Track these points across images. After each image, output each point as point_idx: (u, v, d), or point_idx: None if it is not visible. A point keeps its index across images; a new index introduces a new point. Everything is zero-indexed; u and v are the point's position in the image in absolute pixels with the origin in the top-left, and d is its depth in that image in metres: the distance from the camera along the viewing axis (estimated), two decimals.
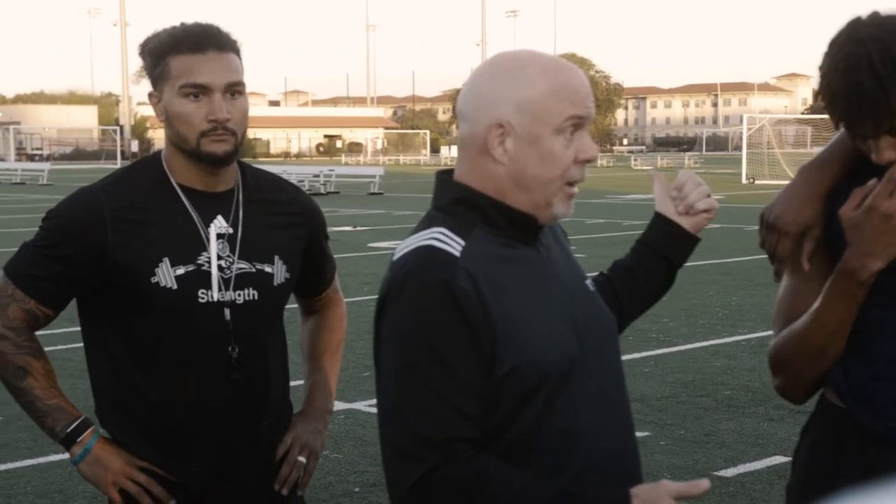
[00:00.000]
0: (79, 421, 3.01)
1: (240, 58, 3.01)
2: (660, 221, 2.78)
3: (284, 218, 3.12)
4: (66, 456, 3.06)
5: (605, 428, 2.39)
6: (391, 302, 2.28)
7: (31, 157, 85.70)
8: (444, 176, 2.43)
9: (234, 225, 3.04)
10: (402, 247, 2.35)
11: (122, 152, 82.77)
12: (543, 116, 2.31)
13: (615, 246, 18.81)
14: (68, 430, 3.00)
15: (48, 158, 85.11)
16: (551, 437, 2.31)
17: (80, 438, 3.00)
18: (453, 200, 2.38)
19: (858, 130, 2.52)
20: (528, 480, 2.22)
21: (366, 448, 7.59)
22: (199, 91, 2.93)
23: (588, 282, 2.54)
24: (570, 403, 2.32)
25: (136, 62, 3.07)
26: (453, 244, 2.30)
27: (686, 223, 2.77)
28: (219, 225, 3.02)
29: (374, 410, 8.34)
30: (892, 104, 2.45)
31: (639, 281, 2.79)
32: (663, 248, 2.78)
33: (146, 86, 3.03)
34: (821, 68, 2.56)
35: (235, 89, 2.97)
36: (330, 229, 3.39)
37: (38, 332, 3.06)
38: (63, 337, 8.84)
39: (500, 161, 2.34)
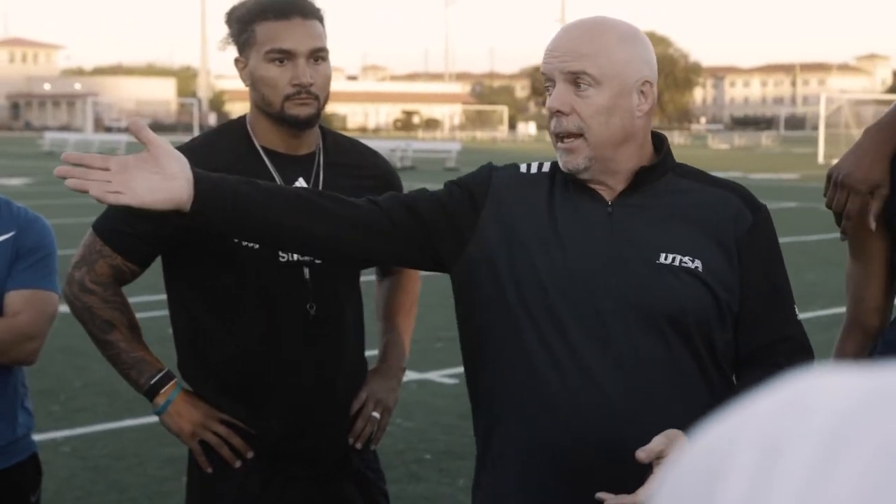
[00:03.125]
0: (162, 373, 3.12)
1: (323, 25, 3.10)
2: None
3: (363, 181, 3.20)
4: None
5: (562, 384, 2.48)
6: None
7: (109, 129, 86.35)
8: None
9: (316, 187, 3.12)
10: None
11: (200, 125, 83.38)
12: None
13: None
14: (152, 382, 3.10)
15: (126, 131, 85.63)
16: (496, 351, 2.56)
17: (164, 390, 3.11)
18: None
19: None
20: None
21: (437, 417, 7.67)
22: (284, 56, 3.03)
23: (670, 256, 2.52)
24: (529, 332, 2.49)
25: (222, 30, 3.16)
26: (532, 167, 2.64)
27: None
28: (300, 186, 3.11)
29: (446, 381, 8.46)
30: None
31: None
32: None
33: (225, 58, 3.14)
34: None
35: (319, 55, 3.06)
36: None
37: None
38: (144, 305, 9.01)
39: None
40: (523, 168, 2.62)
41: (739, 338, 2.58)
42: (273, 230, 2.54)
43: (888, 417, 0.56)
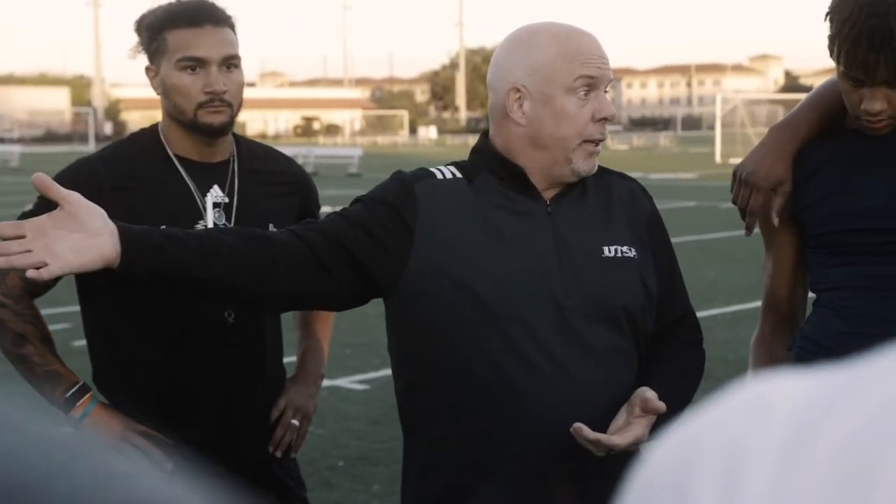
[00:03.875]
0: (77, 386, 3.08)
1: (234, 32, 3.10)
2: None
3: (278, 187, 3.21)
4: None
5: (520, 381, 2.51)
6: None
7: (1, 140, 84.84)
8: (483, 134, 2.68)
9: (230, 194, 3.13)
10: None
11: (96, 135, 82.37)
12: (554, 77, 2.51)
13: None
14: (67, 395, 3.06)
15: (19, 141, 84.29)
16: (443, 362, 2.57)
17: (79, 403, 3.07)
18: (472, 149, 2.66)
19: (872, 74, 2.61)
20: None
21: (349, 423, 7.67)
22: (196, 64, 3.03)
23: (611, 248, 2.61)
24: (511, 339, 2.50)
25: (123, 38, 3.15)
26: (445, 172, 2.61)
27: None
28: (215, 194, 3.11)
29: (356, 387, 8.45)
30: None
31: None
32: None
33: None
34: (836, 12, 2.63)
35: (231, 62, 3.06)
36: None
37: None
38: (56, 317, 8.89)
39: (519, 122, 2.55)
40: (438, 175, 2.62)
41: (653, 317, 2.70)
42: (203, 284, 2.46)
43: (847, 414, 0.57)
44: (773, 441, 0.58)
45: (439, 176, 2.61)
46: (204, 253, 2.42)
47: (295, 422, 3.27)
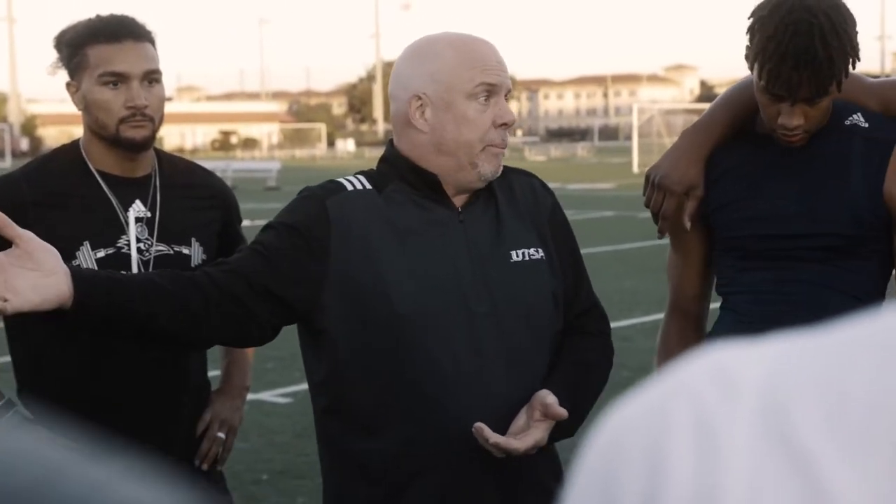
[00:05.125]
0: (2, 402, 3.06)
1: (155, 47, 3.11)
2: None
3: (200, 201, 3.23)
4: None
5: (458, 391, 2.55)
6: None
7: None
8: (389, 143, 2.70)
9: (153, 209, 3.13)
10: None
11: (12, 151, 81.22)
12: (454, 83, 2.55)
13: None
14: None
15: None
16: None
17: (2, 420, 3.05)
18: (380, 159, 2.68)
19: (795, 92, 2.65)
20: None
21: (272, 437, 7.65)
22: (117, 79, 3.04)
23: (519, 252, 2.66)
24: (426, 349, 2.54)
25: (43, 54, 3.15)
26: (355, 183, 2.62)
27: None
28: (137, 209, 3.11)
29: (279, 400, 8.42)
30: (836, 73, 2.62)
31: None
32: None
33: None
34: (760, 29, 2.67)
35: (153, 77, 3.08)
36: None
37: None
38: None
39: (422, 130, 2.58)
40: (348, 186, 2.63)
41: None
42: (144, 329, 2.47)
43: (812, 386, 0.59)
44: (745, 414, 0.60)
45: (349, 187, 2.62)
46: (149, 300, 2.44)
47: (221, 434, 3.28)
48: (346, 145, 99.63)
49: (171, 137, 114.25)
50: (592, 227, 21.47)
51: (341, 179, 2.66)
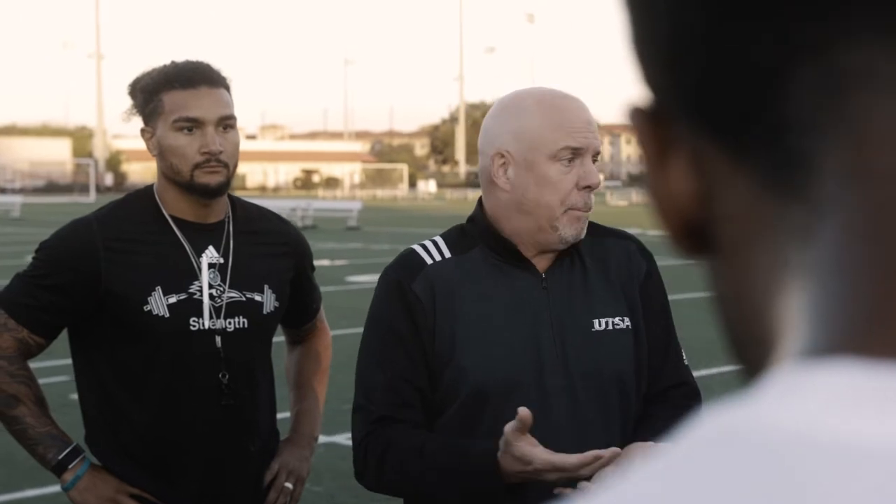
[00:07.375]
0: (70, 448, 3.06)
1: (230, 93, 3.11)
2: None
3: (273, 248, 3.21)
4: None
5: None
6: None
7: (3, 191, 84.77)
8: (479, 201, 2.66)
9: (225, 255, 3.12)
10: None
11: (97, 186, 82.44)
12: (538, 144, 2.49)
13: None
14: (60, 457, 3.04)
15: (20, 191, 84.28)
16: None
17: (72, 465, 3.05)
18: (468, 218, 2.65)
19: None
20: (426, 435, 2.51)
21: (345, 480, 7.59)
22: (192, 125, 3.03)
23: (602, 321, 2.60)
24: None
25: (126, 101, 3.16)
26: (434, 253, 2.58)
27: None
28: (210, 255, 3.10)
29: None
30: None
31: None
32: None
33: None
34: None
35: (227, 123, 3.06)
36: None
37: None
38: (53, 370, 8.85)
39: (503, 188, 2.53)
40: (427, 259, 2.59)
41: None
42: None
43: None
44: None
45: (428, 260, 2.59)
46: None
47: (289, 485, 3.24)
48: (428, 186, 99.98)
49: (254, 175, 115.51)
50: (673, 274, 21.26)
51: (418, 249, 2.61)
